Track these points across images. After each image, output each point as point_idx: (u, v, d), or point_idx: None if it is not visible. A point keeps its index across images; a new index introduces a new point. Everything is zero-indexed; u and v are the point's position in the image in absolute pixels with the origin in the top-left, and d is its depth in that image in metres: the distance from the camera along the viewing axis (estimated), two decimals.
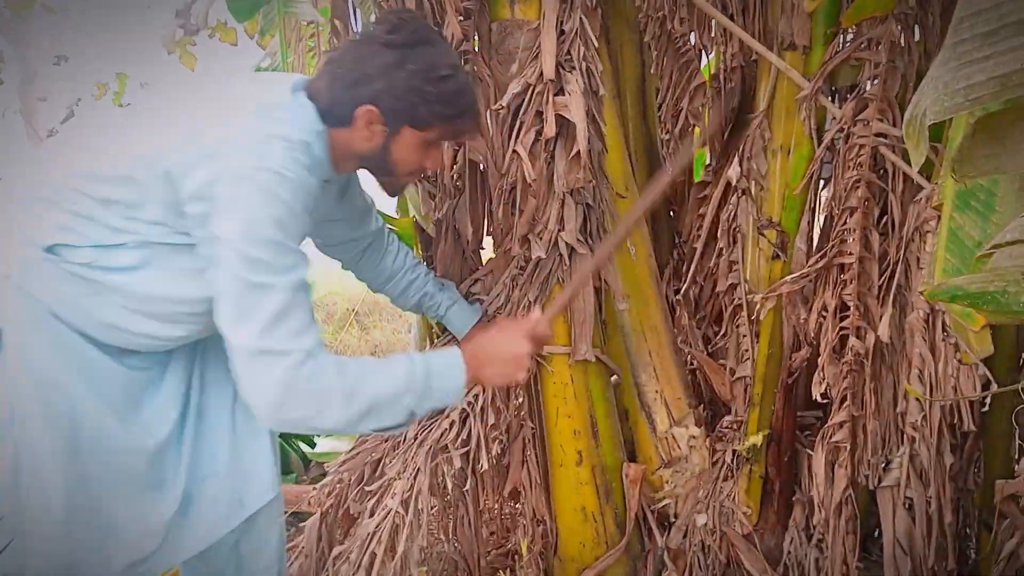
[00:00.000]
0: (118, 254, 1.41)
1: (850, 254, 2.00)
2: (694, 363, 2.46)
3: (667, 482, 2.32)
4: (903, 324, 1.95)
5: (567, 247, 1.98)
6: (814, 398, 2.10)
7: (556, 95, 1.90)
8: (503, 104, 1.94)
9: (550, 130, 1.89)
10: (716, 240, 2.44)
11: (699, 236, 2.49)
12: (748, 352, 2.28)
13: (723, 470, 2.27)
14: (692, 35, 2.46)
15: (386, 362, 1.45)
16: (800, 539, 2.20)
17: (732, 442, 2.27)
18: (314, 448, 3.76)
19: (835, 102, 2.16)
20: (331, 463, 2.23)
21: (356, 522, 2.04)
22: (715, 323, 2.57)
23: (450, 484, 2.09)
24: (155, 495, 1.52)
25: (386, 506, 1.96)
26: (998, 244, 0.87)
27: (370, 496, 2.03)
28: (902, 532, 1.96)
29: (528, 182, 1.93)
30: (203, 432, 1.63)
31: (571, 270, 2.02)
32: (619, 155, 2.24)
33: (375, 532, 1.93)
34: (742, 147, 2.24)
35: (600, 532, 2.21)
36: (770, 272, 2.23)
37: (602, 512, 2.20)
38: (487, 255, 2.25)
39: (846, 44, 2.04)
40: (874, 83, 1.96)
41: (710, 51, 2.53)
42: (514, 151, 1.94)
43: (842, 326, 2.03)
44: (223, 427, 1.66)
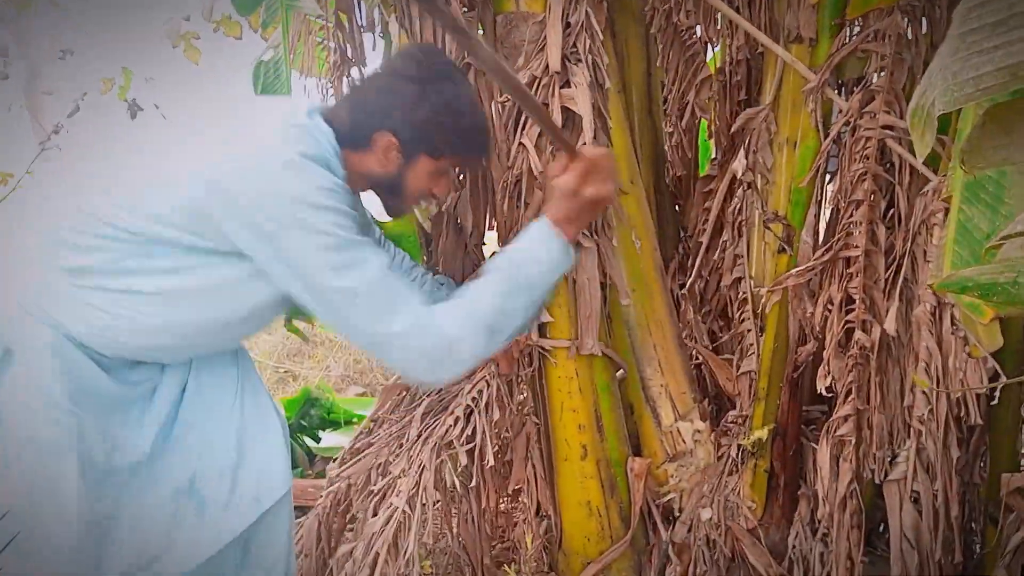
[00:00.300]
0: (152, 275, 1.45)
1: (856, 247, 1.99)
2: (699, 357, 2.46)
3: (672, 476, 2.31)
4: (909, 317, 1.94)
5: None
6: (819, 392, 2.09)
7: (562, 88, 1.89)
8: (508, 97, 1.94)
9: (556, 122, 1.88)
10: (721, 234, 2.43)
11: (704, 230, 2.49)
12: (753, 346, 2.27)
13: (728, 464, 2.27)
14: (698, 28, 2.45)
15: (485, 281, 1.56)
16: (805, 533, 2.19)
17: (737, 436, 2.26)
18: (319, 443, 3.77)
19: (841, 95, 2.15)
20: (332, 465, 2.24)
21: (357, 520, 2.04)
22: (720, 317, 2.57)
23: (457, 481, 2.09)
24: (153, 501, 1.53)
25: (391, 504, 1.96)
26: (1008, 235, 0.87)
27: (374, 495, 2.03)
28: (909, 526, 1.95)
29: (535, 174, 1.92)
30: (207, 430, 1.64)
31: (576, 264, 2.02)
32: (624, 149, 2.23)
33: (381, 531, 1.93)
34: (748, 140, 2.23)
35: (604, 526, 2.21)
36: (776, 266, 2.23)
37: (607, 506, 2.20)
38: (489, 250, 2.25)
39: (852, 36, 2.03)
40: (881, 75, 1.95)
41: (716, 44, 2.52)
42: (520, 144, 1.94)
43: (847, 320, 2.02)
44: (229, 423, 1.66)
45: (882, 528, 2.38)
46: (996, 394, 1.91)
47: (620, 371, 2.28)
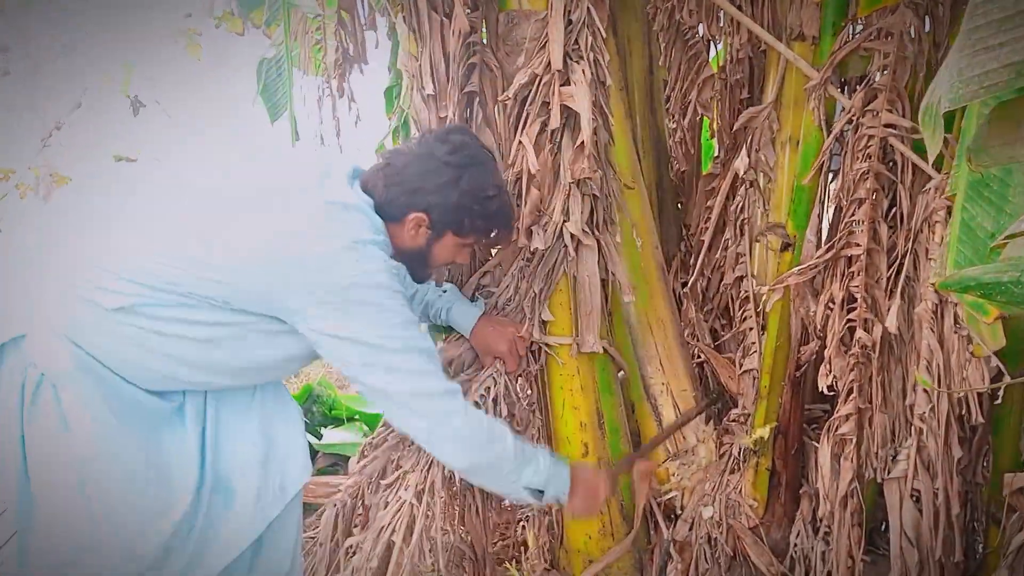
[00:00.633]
0: (195, 327, 1.49)
1: (858, 246, 1.99)
2: (701, 356, 2.45)
3: (673, 475, 2.31)
4: (911, 316, 1.94)
5: (573, 238, 1.97)
6: (821, 390, 2.09)
7: (563, 85, 1.89)
8: (509, 95, 1.94)
9: (555, 120, 1.88)
10: (724, 232, 2.43)
11: (707, 228, 2.48)
12: (755, 344, 2.27)
13: (730, 463, 2.27)
14: (700, 26, 2.44)
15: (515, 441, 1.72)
16: (807, 532, 2.19)
17: (739, 435, 2.26)
18: (321, 440, 3.76)
19: (844, 93, 2.15)
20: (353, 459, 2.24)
21: (369, 512, 2.04)
22: (722, 316, 2.56)
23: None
24: (181, 507, 1.55)
25: (400, 498, 1.96)
26: (1012, 234, 0.86)
27: (386, 489, 2.03)
28: (909, 524, 1.95)
29: (532, 173, 1.92)
30: (231, 427, 1.65)
31: (577, 261, 2.01)
32: (626, 146, 2.23)
33: (390, 523, 1.94)
34: (750, 139, 2.22)
35: (606, 524, 2.21)
36: (778, 264, 2.22)
37: (608, 504, 2.20)
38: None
39: (855, 34, 2.02)
40: (883, 73, 1.94)
41: (718, 42, 2.51)
42: (519, 142, 1.94)
43: (849, 318, 2.01)
44: (252, 415, 1.68)
45: (884, 527, 2.38)
46: (999, 394, 1.90)
47: (621, 372, 2.27)
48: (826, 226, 2.28)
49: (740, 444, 2.24)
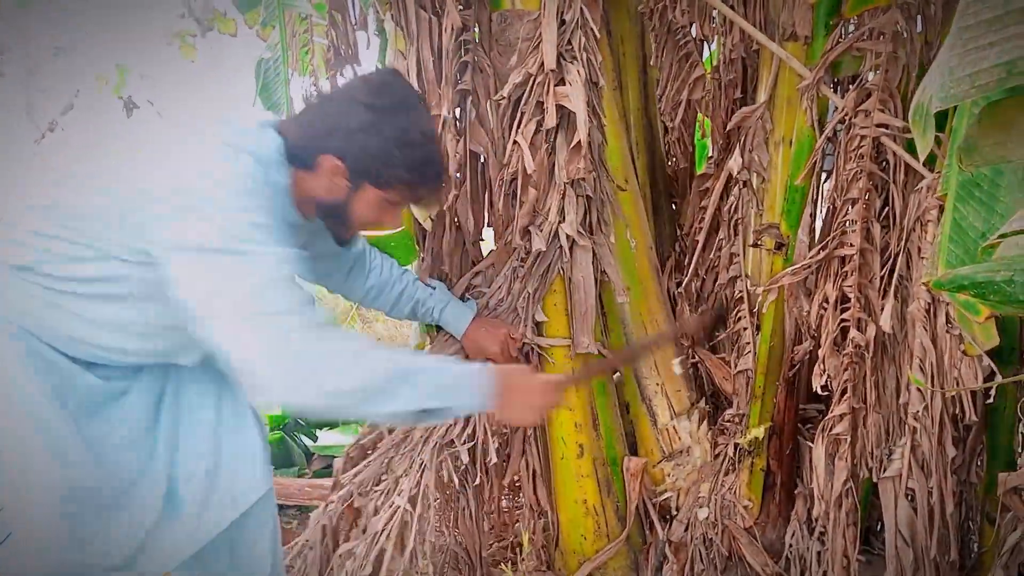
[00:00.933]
0: (85, 268, 1.42)
1: (851, 246, 1.99)
2: (696, 356, 2.45)
3: (668, 475, 2.31)
4: (905, 314, 1.94)
5: (567, 239, 1.97)
6: (815, 390, 2.09)
7: (557, 85, 1.88)
8: (504, 95, 1.93)
9: (551, 120, 1.88)
10: (718, 232, 2.43)
11: (701, 228, 2.48)
12: (749, 345, 2.27)
13: (725, 463, 2.27)
14: (693, 27, 2.44)
15: (407, 355, 1.52)
16: (802, 532, 2.19)
17: (734, 435, 2.26)
18: (316, 442, 3.76)
19: (837, 93, 2.15)
20: (338, 461, 2.23)
21: (361, 515, 2.04)
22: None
23: (456, 479, 2.09)
24: (127, 502, 1.52)
25: (394, 503, 1.96)
26: (1004, 233, 0.86)
27: (378, 494, 2.03)
28: (904, 522, 1.95)
29: (528, 173, 1.92)
30: (182, 433, 1.63)
31: (571, 262, 2.01)
32: (619, 147, 2.23)
33: (384, 529, 1.93)
34: (743, 139, 2.22)
35: (601, 525, 2.21)
36: (771, 264, 2.22)
37: (603, 505, 2.20)
38: (486, 247, 2.24)
39: (848, 34, 2.02)
40: (876, 73, 1.94)
41: (711, 42, 2.51)
42: (515, 142, 1.93)
43: (843, 318, 2.02)
44: (205, 426, 1.66)
45: (879, 527, 2.38)
46: (992, 393, 1.90)
47: (616, 373, 2.27)
48: (819, 226, 2.28)
49: (735, 444, 2.24)
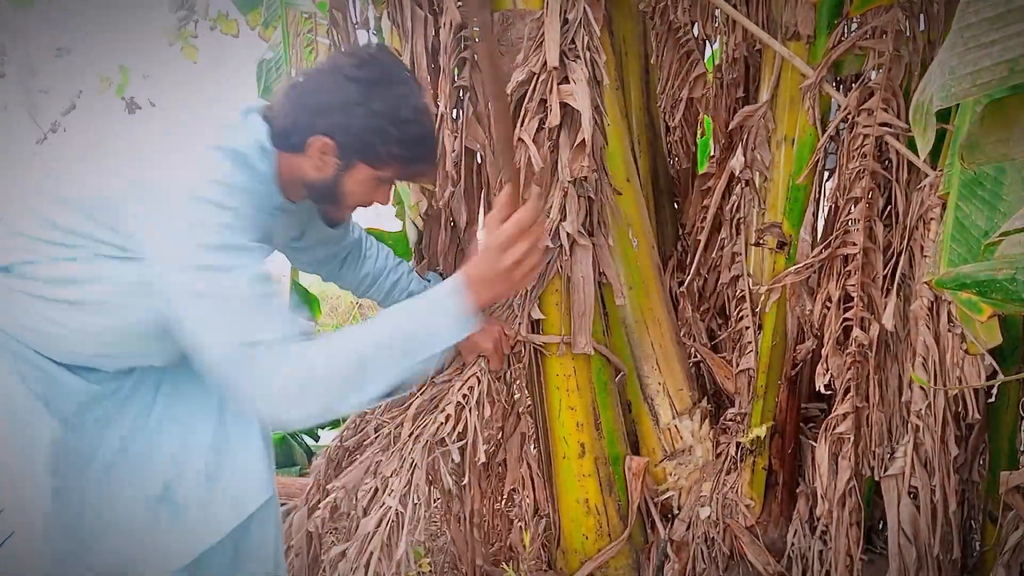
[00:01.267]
0: (69, 268, 1.40)
1: (854, 244, 1.99)
2: (698, 355, 2.45)
3: (670, 474, 2.31)
4: (907, 313, 1.94)
5: (568, 238, 1.97)
6: (818, 389, 2.09)
7: (560, 84, 1.88)
8: (507, 93, 1.93)
9: (555, 118, 1.88)
10: (720, 231, 2.43)
11: (703, 227, 2.48)
12: (752, 344, 2.27)
13: (727, 462, 2.27)
14: (695, 26, 2.44)
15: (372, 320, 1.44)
16: (804, 531, 2.19)
17: (736, 434, 2.26)
18: (318, 441, 3.76)
19: (839, 92, 2.15)
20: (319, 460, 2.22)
21: (350, 519, 2.03)
22: (719, 315, 2.56)
23: (450, 479, 2.08)
24: (123, 505, 1.52)
25: (384, 504, 1.95)
26: (1007, 232, 0.86)
27: (366, 495, 2.02)
28: (906, 521, 1.95)
29: (534, 169, 1.92)
30: (180, 436, 1.62)
31: (571, 261, 2.01)
32: (621, 147, 2.23)
33: (375, 531, 1.93)
34: (746, 138, 2.22)
35: (603, 524, 2.21)
36: (774, 263, 2.22)
37: (605, 504, 2.20)
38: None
39: (850, 33, 2.02)
40: (879, 72, 1.94)
41: (714, 41, 2.51)
42: (519, 139, 1.93)
43: (846, 317, 2.01)
44: (204, 431, 1.64)
45: (881, 526, 2.38)
46: (994, 391, 1.90)
47: (620, 374, 2.27)
48: (821, 225, 2.28)
49: (737, 444, 2.24)
